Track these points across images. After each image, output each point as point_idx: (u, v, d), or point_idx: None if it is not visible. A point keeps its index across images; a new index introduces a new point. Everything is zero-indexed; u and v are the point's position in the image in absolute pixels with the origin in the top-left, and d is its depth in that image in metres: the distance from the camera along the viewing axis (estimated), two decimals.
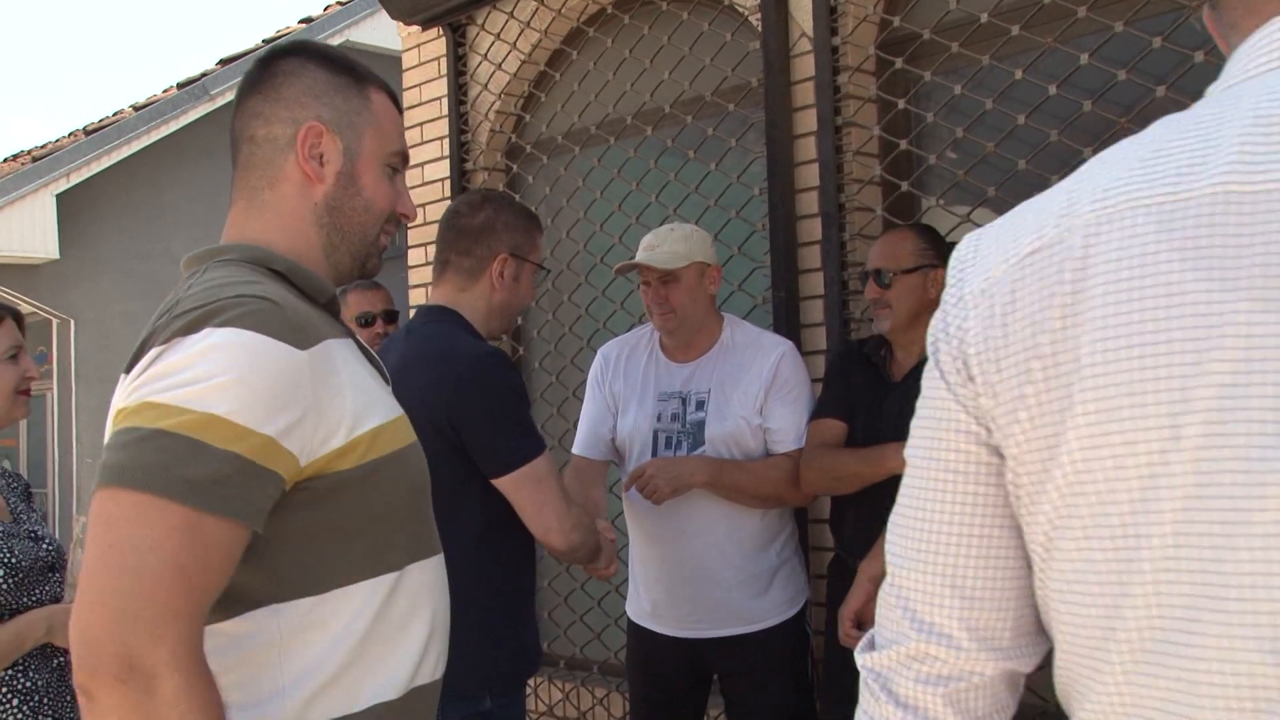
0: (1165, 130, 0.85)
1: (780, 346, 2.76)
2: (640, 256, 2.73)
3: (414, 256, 4.32)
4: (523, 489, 2.15)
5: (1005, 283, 0.86)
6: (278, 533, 1.22)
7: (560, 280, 3.94)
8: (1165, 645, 0.78)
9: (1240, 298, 0.74)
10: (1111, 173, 0.84)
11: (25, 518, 2.42)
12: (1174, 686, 0.78)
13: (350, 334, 1.43)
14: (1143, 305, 0.77)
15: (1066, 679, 0.88)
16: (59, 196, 9.29)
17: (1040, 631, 0.93)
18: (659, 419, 2.78)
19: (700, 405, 2.74)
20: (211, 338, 1.17)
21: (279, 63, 1.43)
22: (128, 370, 1.23)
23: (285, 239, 1.40)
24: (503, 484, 2.15)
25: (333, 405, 1.24)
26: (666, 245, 2.71)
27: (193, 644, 1.11)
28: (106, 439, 1.20)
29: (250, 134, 1.42)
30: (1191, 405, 0.75)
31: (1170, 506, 0.76)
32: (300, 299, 1.33)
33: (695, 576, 2.71)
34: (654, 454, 2.76)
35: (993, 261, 0.88)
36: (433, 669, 1.39)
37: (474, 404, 2.13)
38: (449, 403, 2.13)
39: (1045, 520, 0.85)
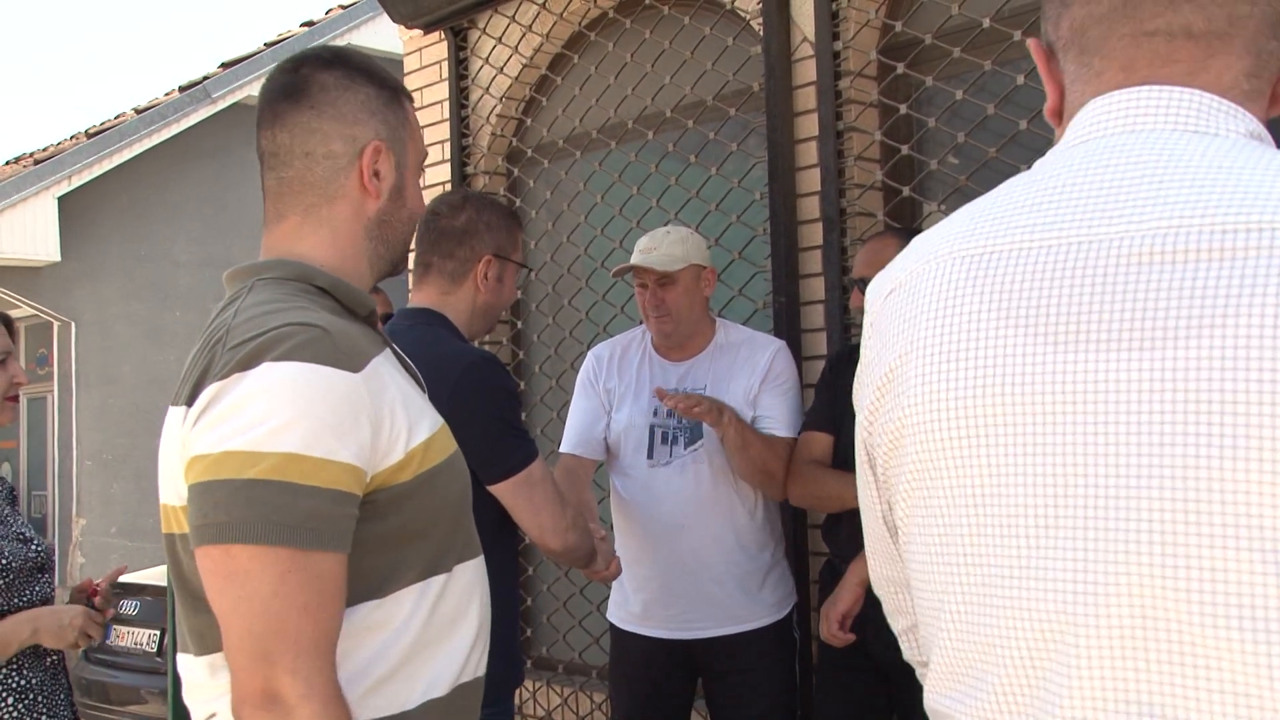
0: (1004, 189, 0.99)
1: (773, 344, 2.84)
2: (636, 259, 2.74)
3: (413, 260, 4.31)
4: (519, 494, 2.14)
5: (879, 317, 1.04)
6: None
7: (561, 284, 3.94)
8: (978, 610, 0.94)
9: (1027, 336, 0.89)
10: (954, 224, 1.00)
11: (12, 520, 2.44)
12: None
13: (388, 343, 1.46)
14: (949, 339, 0.93)
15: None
16: (60, 199, 9.29)
17: None
18: (655, 415, 2.79)
19: None
20: (271, 374, 1.21)
21: (324, 75, 1.43)
22: (186, 403, 1.27)
23: (335, 255, 1.43)
24: (499, 490, 2.14)
25: (389, 422, 1.29)
26: (663, 248, 2.72)
27: (325, 674, 1.20)
28: (187, 483, 1.23)
29: (307, 150, 1.42)
30: (988, 426, 0.90)
31: (970, 504, 0.92)
32: (341, 313, 1.37)
33: (692, 571, 2.72)
34: (650, 449, 2.78)
35: (873, 298, 1.07)
36: (476, 666, 1.43)
37: (468, 410, 2.07)
38: (439, 410, 2.09)
39: (900, 511, 1.02)
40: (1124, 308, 0.84)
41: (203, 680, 1.32)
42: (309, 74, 1.43)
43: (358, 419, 1.24)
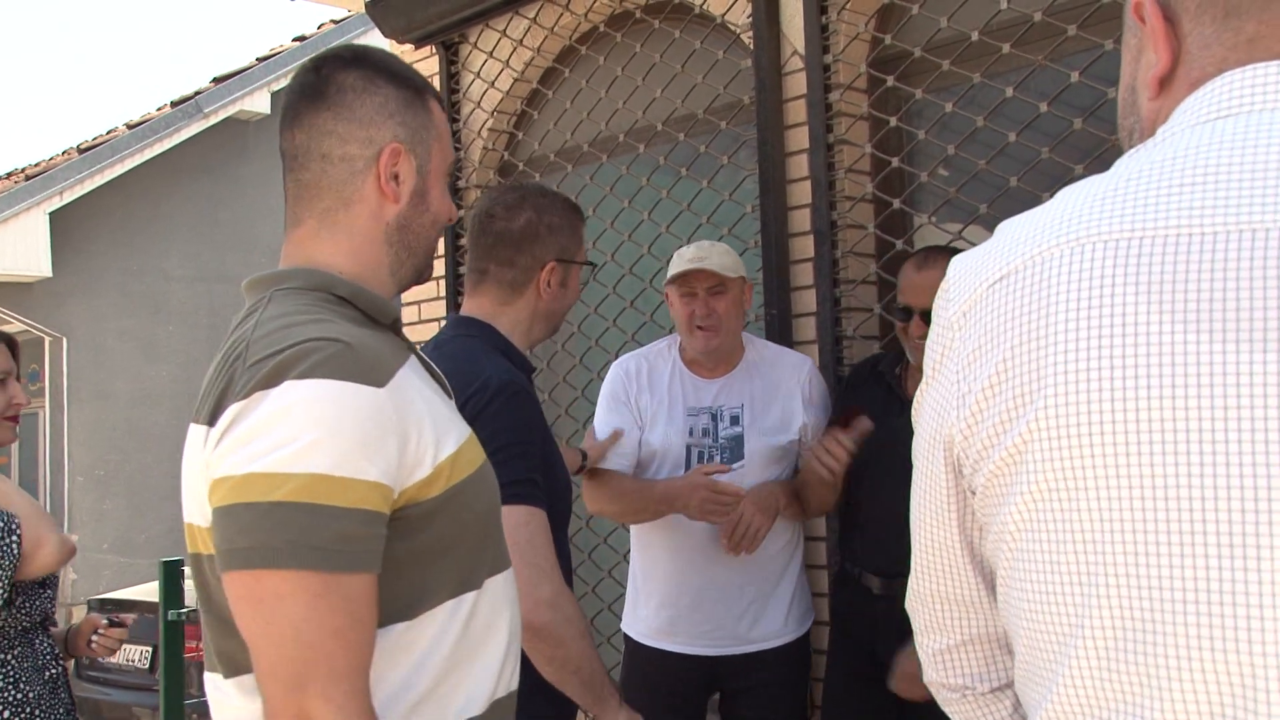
0: (1127, 168, 0.89)
1: (804, 364, 2.86)
2: (691, 265, 2.68)
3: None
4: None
5: (978, 307, 0.92)
6: None
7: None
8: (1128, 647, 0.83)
9: (1197, 334, 0.79)
10: (1075, 206, 0.89)
11: None
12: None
13: (412, 349, 1.42)
14: (1099, 335, 0.83)
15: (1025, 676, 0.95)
16: (52, 214, 9.28)
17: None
18: (690, 434, 2.77)
19: (735, 420, 2.75)
20: (293, 392, 1.17)
21: (344, 76, 1.39)
22: (208, 422, 1.23)
23: (354, 261, 1.38)
24: None
25: (416, 436, 1.25)
26: (715, 256, 2.69)
27: (360, 699, 1.17)
28: (212, 506, 1.20)
29: (323, 152, 1.37)
30: (1153, 433, 0.81)
31: (1131, 519, 0.82)
32: (364, 323, 1.33)
33: (723, 590, 2.71)
34: (687, 468, 2.75)
35: (969, 286, 0.94)
36: (510, 680, 1.40)
37: (481, 434, 1.94)
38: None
39: (1010, 527, 0.91)
40: None
41: (234, 701, 1.29)
42: (329, 74, 1.39)
43: (384, 435, 1.20)
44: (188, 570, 1.41)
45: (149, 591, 5.58)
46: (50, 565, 2.42)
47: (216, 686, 1.32)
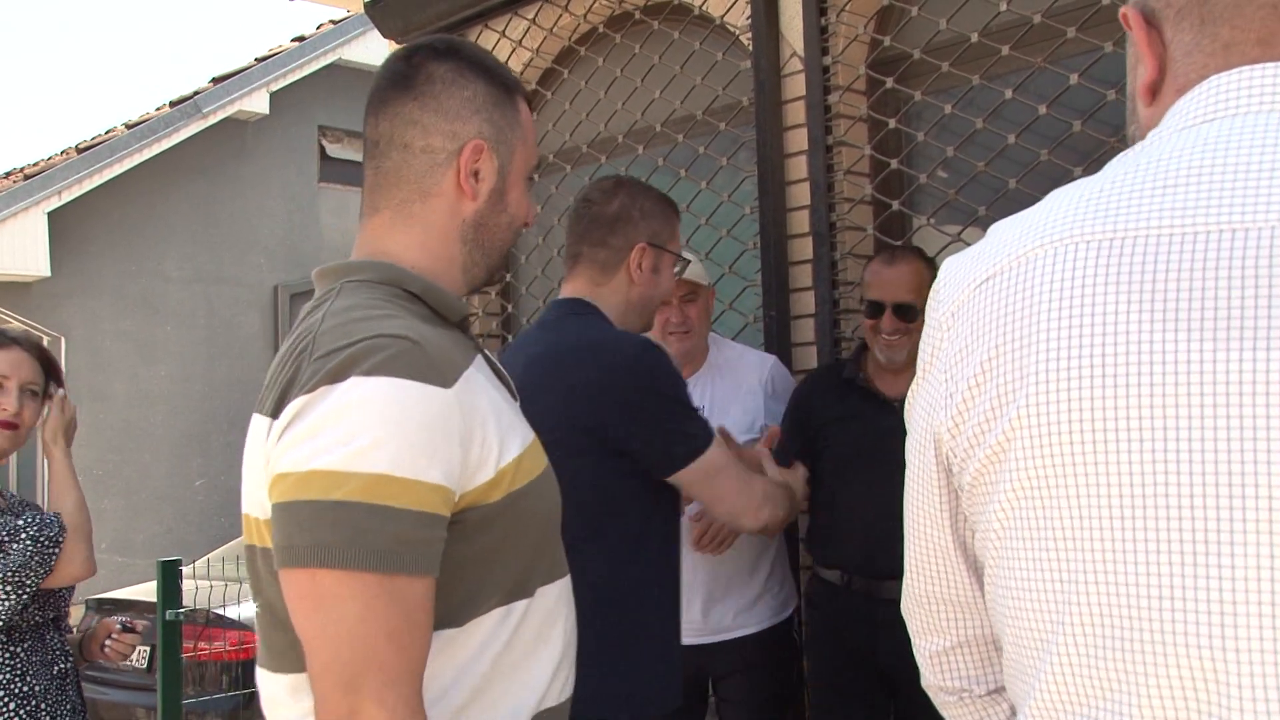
0: (1114, 171, 0.90)
1: (768, 360, 2.89)
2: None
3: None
4: (703, 480, 2.01)
5: (965, 307, 0.94)
6: None
7: (551, 298, 3.93)
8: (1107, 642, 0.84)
9: (1174, 331, 0.80)
10: (1061, 207, 0.90)
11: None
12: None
13: (479, 349, 1.40)
14: (1079, 335, 0.84)
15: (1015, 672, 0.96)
16: (51, 214, 9.27)
17: None
18: None
19: None
20: (359, 389, 1.15)
21: (435, 66, 1.36)
22: (271, 414, 1.22)
23: (426, 256, 1.36)
24: (680, 478, 2.01)
25: (480, 439, 1.23)
26: (695, 264, 2.73)
27: (412, 703, 1.15)
28: (271, 501, 1.19)
29: (405, 141, 1.35)
30: (1130, 431, 0.82)
31: (1107, 517, 0.83)
32: (433, 320, 1.31)
33: (703, 584, 2.73)
34: None
35: (958, 287, 0.96)
36: (560, 691, 1.37)
37: (640, 399, 1.97)
38: (611, 400, 1.97)
39: (995, 525, 0.92)
40: None
41: (282, 699, 1.28)
42: (419, 63, 1.37)
43: (448, 437, 1.18)
44: (185, 570, 1.41)
45: (147, 591, 5.57)
46: (66, 581, 2.46)
47: (266, 681, 1.31)
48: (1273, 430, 0.76)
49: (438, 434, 1.17)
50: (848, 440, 2.64)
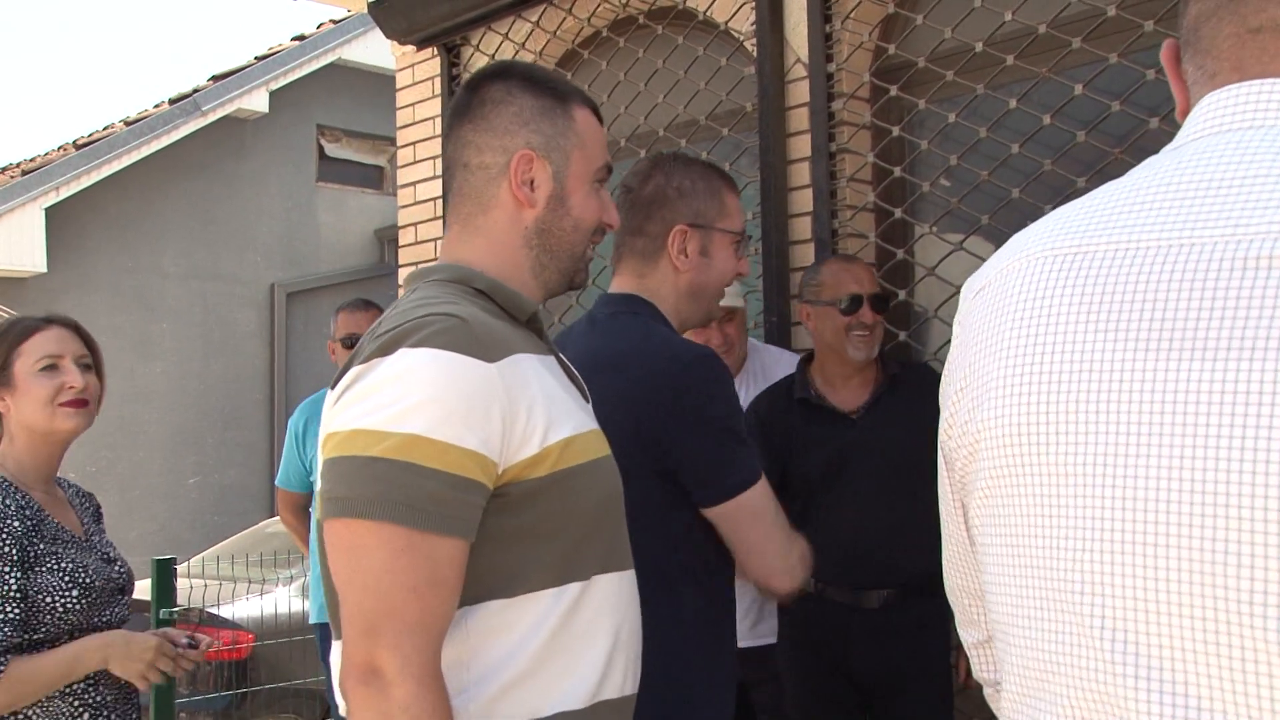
0: (1102, 190, 0.95)
1: (798, 359, 2.88)
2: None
3: (404, 275, 4.30)
4: (738, 521, 1.77)
5: (966, 316, 1.01)
6: (476, 537, 1.28)
7: (552, 302, 3.92)
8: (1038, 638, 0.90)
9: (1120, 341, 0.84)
10: (1051, 221, 0.96)
11: (97, 539, 2.40)
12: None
13: (553, 351, 1.49)
14: (1035, 345, 0.89)
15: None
16: (48, 210, 9.25)
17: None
18: None
19: None
20: (405, 359, 1.25)
21: (486, 89, 1.48)
22: (333, 386, 1.33)
23: (495, 261, 1.46)
24: (714, 514, 1.77)
25: (525, 416, 1.29)
26: (730, 289, 2.69)
27: (427, 655, 1.21)
28: (321, 458, 1.29)
29: (464, 161, 1.48)
30: (1071, 439, 0.86)
31: (1044, 522, 0.88)
32: (501, 316, 1.40)
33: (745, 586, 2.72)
34: None
35: (964, 297, 1.03)
36: (620, 684, 1.38)
37: (687, 418, 1.76)
38: (653, 416, 1.76)
39: (975, 519, 0.99)
40: (1225, 315, 0.80)
41: (336, 661, 1.31)
42: (475, 87, 1.50)
43: (489, 409, 1.25)
44: (180, 569, 1.42)
45: (141, 590, 5.55)
46: None
47: (337, 655, 1.33)
48: (1208, 438, 0.79)
49: (477, 404, 1.24)
50: (813, 462, 2.64)
